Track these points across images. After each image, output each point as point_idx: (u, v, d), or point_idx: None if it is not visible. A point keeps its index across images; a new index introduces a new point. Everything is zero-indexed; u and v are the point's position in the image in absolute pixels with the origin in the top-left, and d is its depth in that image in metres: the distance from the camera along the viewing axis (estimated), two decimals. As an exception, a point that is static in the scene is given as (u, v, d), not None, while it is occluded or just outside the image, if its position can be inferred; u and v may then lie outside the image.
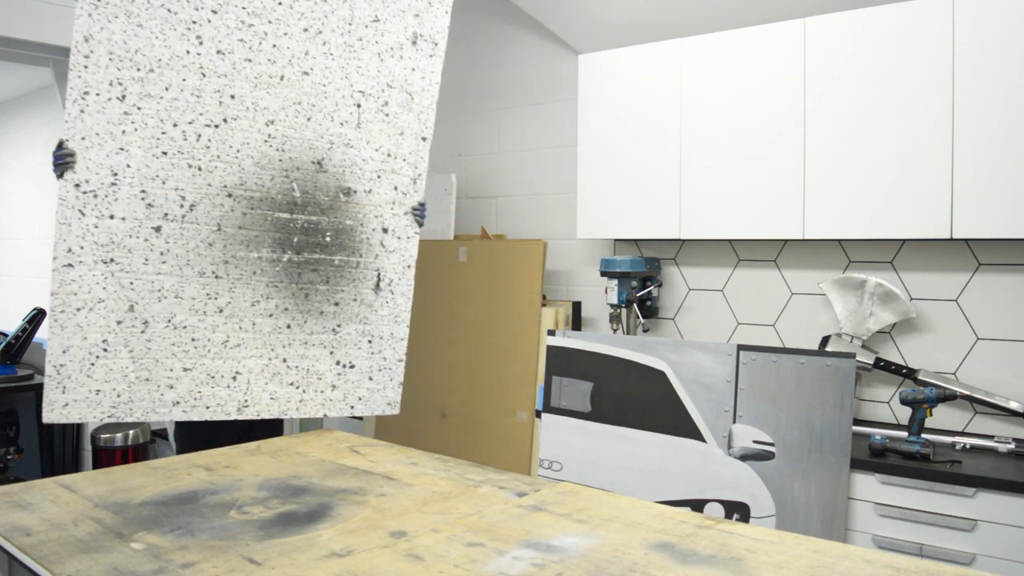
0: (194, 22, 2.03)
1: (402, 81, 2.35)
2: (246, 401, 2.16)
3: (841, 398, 2.44)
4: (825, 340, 3.00)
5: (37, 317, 4.46)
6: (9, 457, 4.48)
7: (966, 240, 2.76)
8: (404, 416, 4.08)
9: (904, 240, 2.89)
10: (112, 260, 1.98)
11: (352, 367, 2.36)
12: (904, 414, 2.90)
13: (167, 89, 2.02)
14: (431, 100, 2.43)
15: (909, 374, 2.85)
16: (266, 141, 2.16)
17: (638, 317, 3.45)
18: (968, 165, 2.53)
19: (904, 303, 2.89)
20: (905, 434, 2.59)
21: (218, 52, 2.07)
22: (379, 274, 2.41)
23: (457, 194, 4.23)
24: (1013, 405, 2.66)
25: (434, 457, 2.08)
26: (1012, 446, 2.51)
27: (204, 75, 2.06)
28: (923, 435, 2.55)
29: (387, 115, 2.35)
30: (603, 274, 3.44)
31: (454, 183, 4.12)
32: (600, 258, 3.56)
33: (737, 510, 2.55)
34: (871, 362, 2.90)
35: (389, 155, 2.37)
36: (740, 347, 2.62)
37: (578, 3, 3.53)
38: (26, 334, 4.46)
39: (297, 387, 2.26)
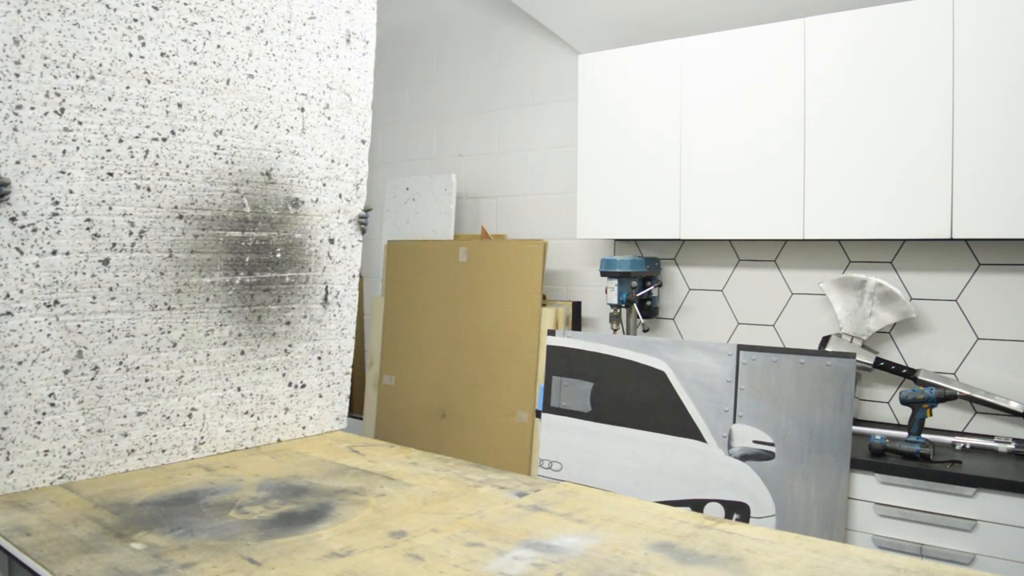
0: (135, 20, 1.83)
1: (340, 82, 2.32)
2: (202, 438, 2.06)
3: (841, 398, 2.44)
4: (825, 340, 3.00)
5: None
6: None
7: (966, 240, 2.76)
8: (404, 416, 4.09)
9: (904, 240, 2.89)
10: (56, 302, 1.76)
11: (303, 387, 2.32)
12: (904, 414, 2.90)
13: (110, 99, 1.81)
14: (367, 100, 2.40)
15: (909, 374, 2.85)
16: (215, 153, 2.05)
17: (638, 317, 3.45)
18: (968, 165, 2.53)
19: (904, 303, 2.89)
20: (905, 434, 2.59)
21: (162, 55, 1.90)
22: (327, 287, 2.36)
23: (457, 194, 4.23)
24: (1013, 405, 2.66)
25: (434, 457, 2.08)
26: (1012, 446, 2.51)
27: (149, 81, 1.88)
28: (923, 435, 2.55)
29: (328, 118, 2.31)
30: (603, 274, 3.44)
31: (454, 183, 4.12)
32: (600, 258, 3.55)
33: (737, 510, 2.55)
34: (871, 362, 2.90)
35: (333, 161, 2.33)
36: (740, 347, 2.62)
37: (578, 3, 3.53)
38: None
39: (251, 415, 2.19)
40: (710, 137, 3.10)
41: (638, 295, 3.40)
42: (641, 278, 3.44)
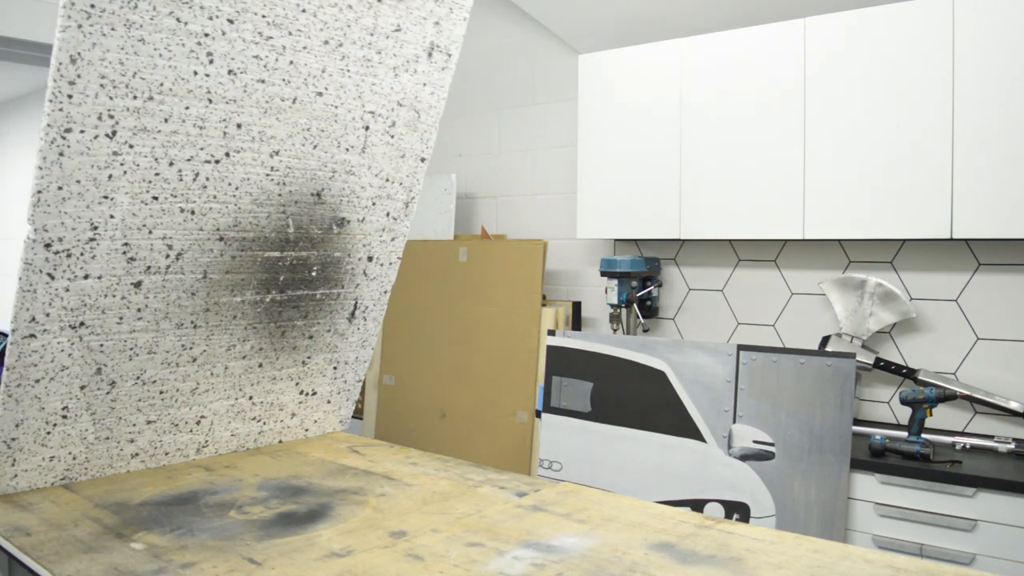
0: (206, 34, 1.63)
1: (412, 98, 2.09)
2: (206, 442, 2.04)
3: (841, 398, 2.44)
4: (825, 340, 3.00)
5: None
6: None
7: (966, 240, 2.76)
8: (404, 416, 4.09)
9: (904, 240, 2.89)
10: (82, 324, 1.69)
11: (314, 394, 2.27)
12: (904, 414, 2.90)
13: (166, 121, 1.65)
14: (436, 118, 2.20)
15: (909, 374, 2.85)
16: (268, 175, 1.89)
17: (638, 317, 3.45)
18: (968, 165, 2.53)
19: (904, 303, 2.89)
20: (905, 434, 2.59)
21: (230, 72, 1.71)
22: (356, 303, 2.24)
23: (457, 194, 4.23)
24: (1013, 405, 2.66)
25: (434, 457, 2.08)
26: (1012, 446, 2.51)
27: (211, 101, 1.71)
28: (923, 435, 2.55)
29: (392, 136, 2.11)
30: (603, 274, 3.44)
31: (454, 183, 4.12)
32: (600, 258, 3.56)
33: (737, 510, 2.55)
34: (871, 362, 2.90)
35: (387, 180, 2.16)
36: (740, 347, 2.61)
37: (578, 3, 3.53)
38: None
39: (258, 420, 2.15)
40: (710, 137, 3.10)
41: (638, 295, 3.40)
42: (641, 278, 3.44)
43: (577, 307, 3.79)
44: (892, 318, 2.90)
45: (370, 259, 2.23)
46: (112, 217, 1.65)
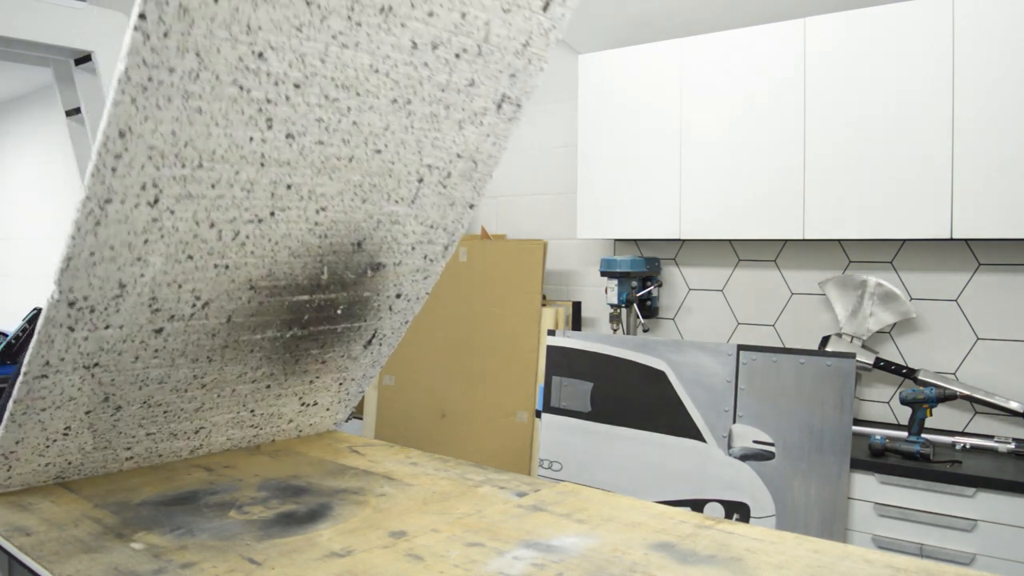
0: (268, 100, 1.49)
1: (472, 149, 1.93)
2: (200, 445, 2.01)
3: (841, 398, 2.44)
4: (825, 340, 3.00)
5: (37, 317, 4.46)
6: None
7: (966, 240, 2.76)
8: (404, 416, 4.09)
9: (904, 240, 2.89)
10: (96, 364, 1.62)
11: (315, 404, 2.23)
12: (904, 414, 2.90)
13: (213, 186, 1.52)
14: (493, 167, 2.04)
15: (909, 374, 2.85)
16: (311, 230, 1.76)
17: (638, 317, 3.45)
18: (968, 165, 2.53)
19: (904, 303, 2.89)
20: (905, 434, 2.59)
21: (288, 136, 1.57)
22: (375, 333, 2.14)
23: (457, 194, 4.22)
24: (1013, 405, 2.66)
25: (434, 457, 2.08)
26: (1012, 446, 2.51)
27: (263, 165, 1.57)
28: (923, 435, 2.55)
29: (445, 187, 1.96)
30: (603, 274, 3.44)
31: (454, 183, 4.12)
32: (600, 258, 3.56)
33: (737, 510, 2.55)
34: (871, 362, 2.90)
35: (432, 226, 2.01)
36: (740, 347, 2.61)
37: (578, 3, 3.52)
38: (26, 334, 4.46)
39: (255, 427, 2.13)
40: (710, 137, 3.10)
41: (638, 295, 3.40)
42: (641, 278, 3.44)
43: (577, 307, 3.79)
44: (892, 318, 2.90)
45: (398, 296, 2.12)
46: (142, 276, 1.55)
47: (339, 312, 1.99)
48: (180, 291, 1.63)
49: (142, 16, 1.20)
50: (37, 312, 4.45)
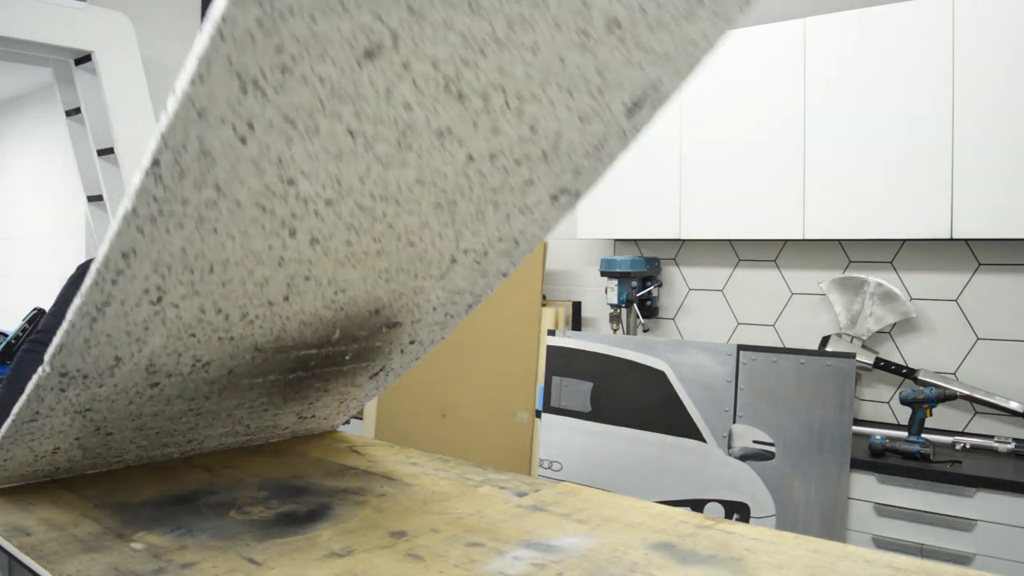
0: (293, 215, 1.36)
1: (516, 233, 1.73)
2: (192, 450, 1.97)
3: (841, 398, 2.44)
4: (825, 340, 3.00)
5: (37, 317, 4.46)
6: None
7: (966, 240, 2.76)
8: (404, 416, 4.09)
9: (904, 240, 2.89)
10: (89, 410, 1.55)
11: (313, 417, 2.18)
12: (904, 414, 2.90)
13: (224, 285, 1.42)
14: (534, 244, 1.82)
15: (909, 374, 2.85)
16: (326, 307, 1.63)
17: (638, 317, 3.45)
18: (968, 165, 2.53)
19: (904, 303, 2.89)
20: (905, 434, 2.59)
21: (312, 241, 1.43)
22: (383, 368, 2.00)
23: (457, 194, 4.22)
24: (1013, 405, 2.66)
25: (434, 457, 2.08)
26: (1012, 446, 2.51)
27: (281, 265, 1.45)
28: (923, 435, 2.55)
29: (478, 263, 1.77)
30: (603, 274, 3.44)
31: (454, 183, 4.12)
32: (600, 258, 3.55)
33: (737, 510, 2.55)
34: (871, 362, 2.90)
35: (459, 292, 1.84)
36: (740, 347, 2.62)
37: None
38: (26, 334, 4.46)
39: (249, 435, 2.10)
40: (710, 137, 3.10)
41: (638, 295, 3.40)
42: (641, 278, 3.44)
43: (577, 307, 3.79)
44: (892, 318, 2.90)
45: (412, 343, 1.97)
46: (140, 351, 1.46)
47: (348, 358, 1.86)
48: (180, 358, 1.53)
49: (156, 163, 1.08)
50: (37, 312, 4.46)
